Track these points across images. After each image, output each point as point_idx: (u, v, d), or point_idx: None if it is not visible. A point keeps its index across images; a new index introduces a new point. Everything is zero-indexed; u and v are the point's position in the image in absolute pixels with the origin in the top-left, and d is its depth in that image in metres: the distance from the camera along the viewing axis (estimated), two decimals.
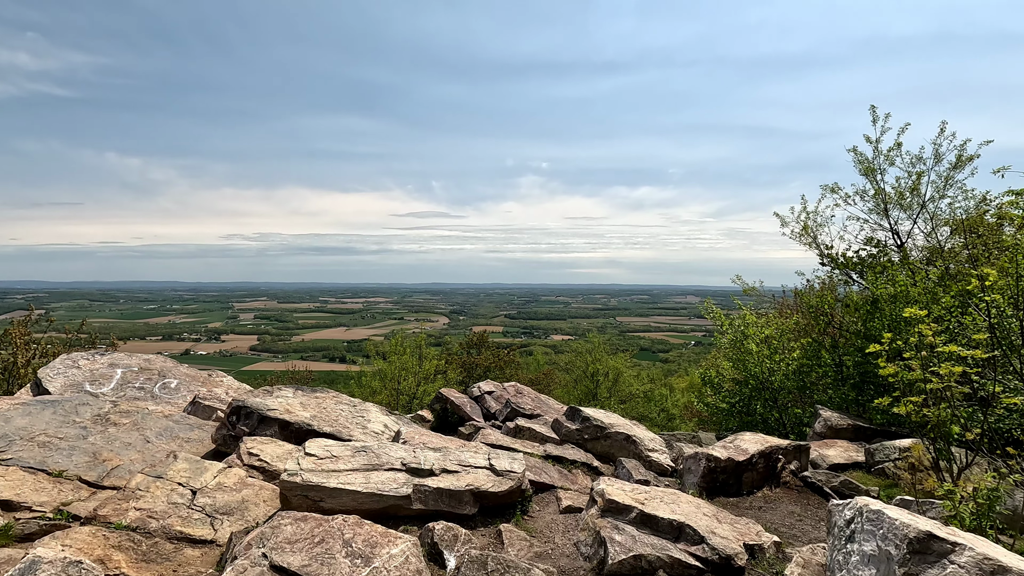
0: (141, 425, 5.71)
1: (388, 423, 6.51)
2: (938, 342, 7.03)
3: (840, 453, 8.54)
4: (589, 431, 6.74)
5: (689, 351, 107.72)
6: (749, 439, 6.53)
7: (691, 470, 5.93)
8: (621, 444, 6.68)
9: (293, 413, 5.75)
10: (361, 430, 5.98)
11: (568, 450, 6.31)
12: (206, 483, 4.29)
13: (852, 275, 13.40)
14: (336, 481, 4.11)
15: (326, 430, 5.67)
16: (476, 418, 7.81)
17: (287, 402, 5.98)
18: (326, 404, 6.38)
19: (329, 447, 4.46)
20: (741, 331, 12.78)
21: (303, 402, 6.20)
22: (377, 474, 4.30)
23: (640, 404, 30.14)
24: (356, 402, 6.87)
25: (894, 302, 11.06)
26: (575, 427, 6.80)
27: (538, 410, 7.92)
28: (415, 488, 4.29)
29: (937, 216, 13.36)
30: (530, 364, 43.39)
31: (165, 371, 10.64)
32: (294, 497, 4.02)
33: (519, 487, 4.71)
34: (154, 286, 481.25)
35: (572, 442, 6.72)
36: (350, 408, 6.53)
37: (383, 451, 4.55)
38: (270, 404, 5.77)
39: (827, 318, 12.66)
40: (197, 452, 5.57)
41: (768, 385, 12.53)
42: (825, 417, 10.55)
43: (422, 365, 16.95)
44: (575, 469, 6.03)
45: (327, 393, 6.86)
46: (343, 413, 6.29)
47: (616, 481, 4.74)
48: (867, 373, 11.25)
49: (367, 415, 6.47)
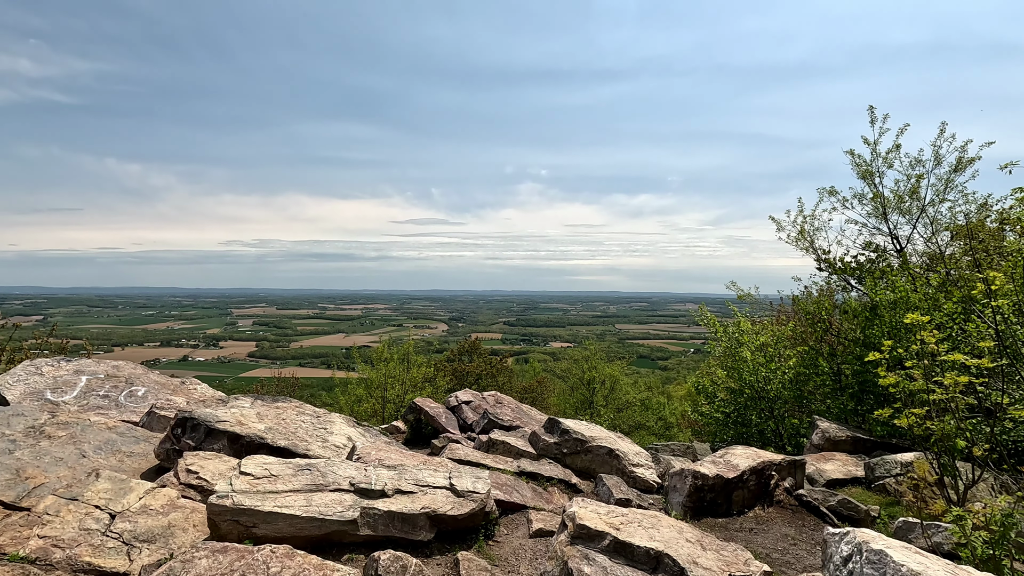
0: (79, 438, 5.27)
1: (353, 435, 6.06)
2: (941, 350, 6.61)
3: (838, 468, 8.08)
4: (568, 445, 6.28)
5: (688, 359, 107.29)
6: (740, 454, 6.08)
7: (676, 488, 5.48)
8: (603, 459, 6.23)
9: (245, 425, 5.31)
10: (321, 444, 5.53)
11: (544, 466, 5.85)
12: (128, 505, 3.84)
13: (850, 281, 13.00)
14: (272, 504, 3.66)
15: (281, 444, 5.22)
16: (451, 430, 7.34)
17: (241, 413, 5.54)
18: (286, 415, 5.94)
19: (268, 465, 4.01)
20: (736, 338, 12.35)
21: (260, 413, 5.76)
22: (321, 496, 3.86)
23: (637, 412, 29.68)
24: (321, 413, 6.42)
25: (894, 308, 10.64)
26: (553, 440, 6.34)
27: (518, 421, 7.46)
28: (363, 511, 3.84)
29: (937, 220, 12.98)
30: (526, 372, 42.92)
31: (133, 378, 10.18)
32: (223, 523, 3.58)
33: (482, 509, 4.26)
34: (153, 292, 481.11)
35: (550, 457, 6.26)
36: (313, 419, 6.09)
37: (330, 469, 4.10)
38: (220, 415, 5.33)
39: (824, 325, 12.24)
40: (138, 468, 5.13)
41: (764, 394, 12.08)
42: (823, 428, 10.10)
43: (409, 372, 16.47)
44: (551, 487, 5.58)
45: (289, 403, 6.41)
46: (303, 425, 5.84)
47: (590, 502, 4.29)
48: (866, 382, 10.82)
49: (330, 427, 6.02)
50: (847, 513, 5.70)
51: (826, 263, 13.03)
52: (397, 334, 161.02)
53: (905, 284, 10.59)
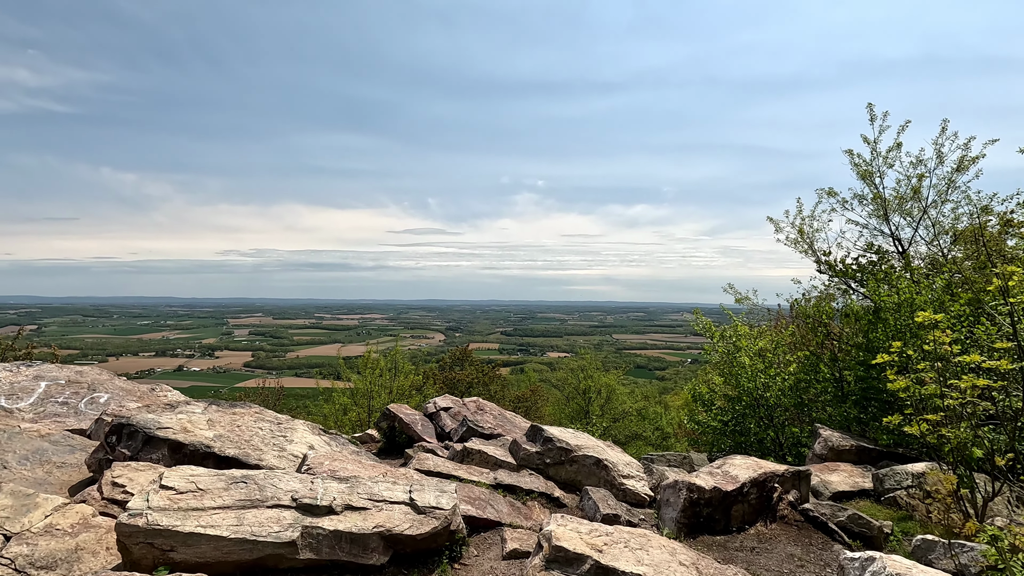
0: (3, 447, 4.73)
1: (316, 444, 5.52)
2: (955, 351, 6.13)
3: (844, 479, 7.55)
4: (552, 454, 5.74)
5: (686, 369, 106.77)
6: (740, 464, 5.56)
7: (670, 503, 4.94)
8: (590, 470, 5.69)
9: (191, 432, 4.77)
10: (277, 453, 4.99)
11: (524, 477, 5.31)
12: (30, 525, 3.30)
13: (851, 284, 12.55)
14: (195, 523, 3.13)
15: (229, 453, 4.69)
16: (428, 438, 6.80)
17: (189, 419, 5.00)
18: (243, 421, 5.40)
19: (195, 477, 3.47)
20: (733, 343, 11.85)
21: (213, 419, 5.22)
22: (255, 513, 3.32)
23: (633, 422, 29.18)
24: (283, 419, 5.88)
25: (898, 311, 10.17)
26: (535, 449, 5.80)
27: (500, 429, 6.91)
28: (305, 531, 3.31)
29: (939, 222, 12.57)
30: (521, 381, 42.23)
31: (96, 384, 9.60)
32: (135, 546, 3.04)
33: (447, 528, 3.72)
34: (148, 301, 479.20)
35: (532, 467, 5.71)
36: (272, 426, 5.55)
37: (270, 483, 3.57)
38: (163, 421, 4.80)
39: (825, 329, 11.76)
40: (67, 481, 4.59)
41: (763, 402, 11.56)
42: (825, 437, 9.57)
43: (396, 380, 15.89)
44: (531, 501, 5.04)
45: (248, 409, 5.88)
46: (260, 432, 5.30)
47: (571, 519, 3.76)
48: (870, 388, 10.32)
49: (291, 434, 5.48)
50: (858, 530, 5.17)
51: (826, 265, 12.57)
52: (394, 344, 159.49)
53: (909, 286, 10.14)
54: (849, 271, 12.18)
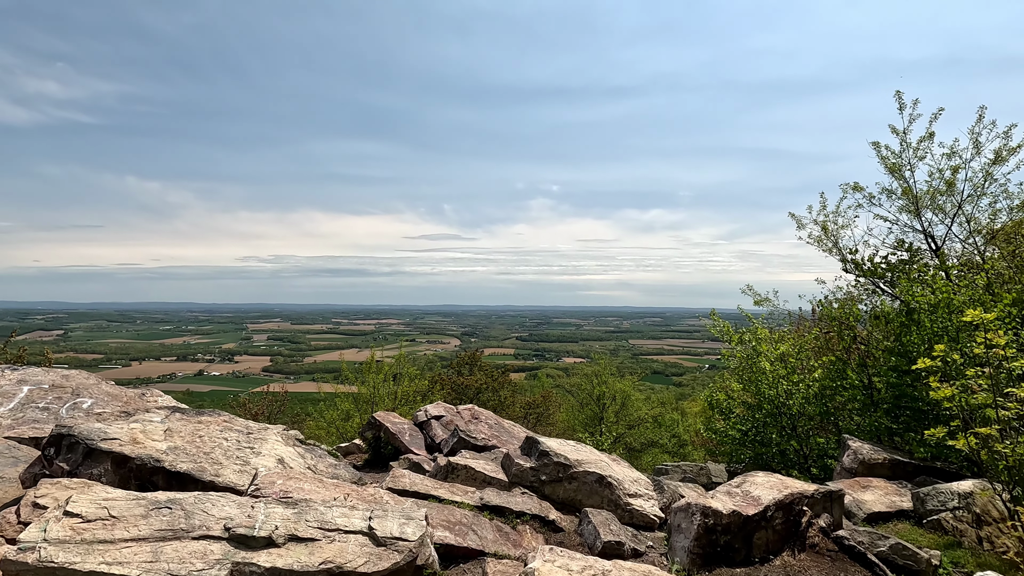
0: None
1: (288, 456, 4.99)
2: (1010, 354, 5.39)
3: (880, 498, 6.79)
4: (548, 470, 5.11)
5: (703, 375, 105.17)
6: (762, 483, 4.88)
7: (681, 529, 4.30)
8: (591, 488, 5.06)
9: (140, 444, 4.27)
10: (239, 467, 4.46)
11: (515, 497, 4.70)
12: None
13: (880, 285, 11.72)
14: (98, 560, 2.60)
15: (182, 468, 4.17)
16: (415, 449, 6.23)
17: (142, 428, 4.51)
18: (207, 431, 4.89)
19: (108, 502, 2.95)
20: (752, 347, 11.09)
21: (172, 428, 4.72)
22: (177, 546, 2.79)
23: (649, 429, 28.42)
24: (254, 428, 5.37)
25: (933, 312, 9.36)
26: (530, 465, 5.18)
27: (494, 440, 6.30)
28: (235, 569, 2.76)
29: (975, 218, 11.70)
30: (535, 387, 41.51)
31: (81, 389, 9.21)
32: None
33: (412, 562, 3.15)
34: (170, 307, 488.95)
35: (525, 485, 5.10)
36: (240, 436, 5.03)
37: (201, 508, 3.03)
38: (110, 432, 4.31)
39: (852, 332, 10.95)
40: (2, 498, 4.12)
41: (785, 410, 10.78)
42: (855, 449, 8.78)
43: (399, 385, 15.38)
44: (522, 525, 4.43)
45: (216, 417, 5.37)
46: (225, 443, 4.79)
47: (560, 554, 3.16)
48: (904, 396, 9.51)
49: (260, 445, 4.95)
50: (902, 562, 4.46)
51: (853, 264, 11.77)
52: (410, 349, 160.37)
53: (946, 285, 9.32)
54: (878, 270, 11.37)
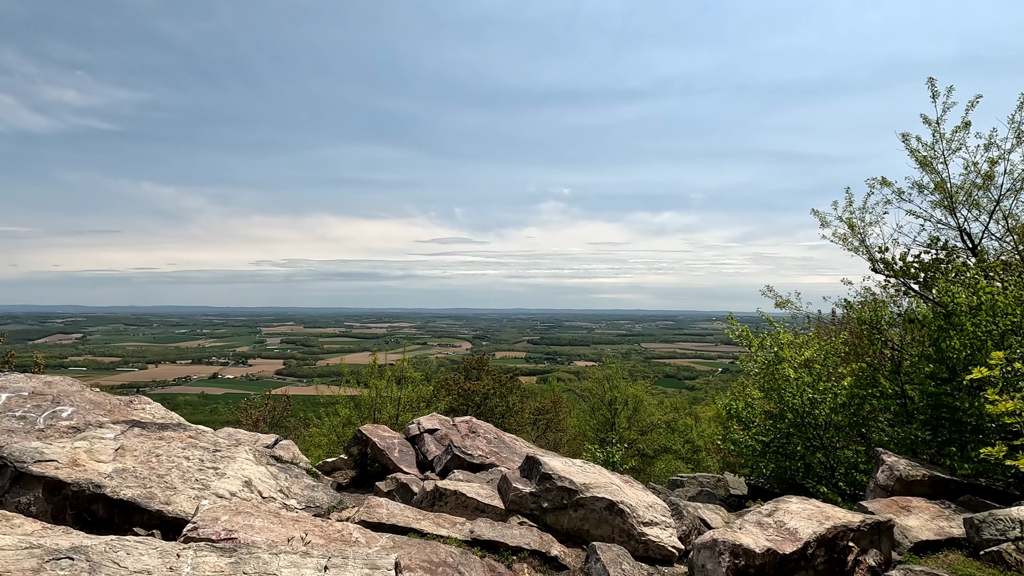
0: None
1: (256, 477, 4.42)
2: None
3: (926, 523, 6.06)
4: (551, 496, 4.48)
5: (716, 378, 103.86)
6: (798, 511, 4.23)
7: (707, 571, 3.67)
8: (600, 516, 4.43)
9: (82, 466, 3.74)
10: (196, 493, 3.91)
11: (512, 529, 4.07)
12: None
13: (912, 285, 10.94)
14: None
15: (126, 495, 3.63)
16: (405, 467, 5.63)
17: (89, 447, 3.98)
18: (166, 449, 4.35)
19: None
20: (775, 353, 10.37)
21: (126, 446, 4.19)
22: None
23: (663, 435, 27.70)
24: (223, 446, 4.83)
25: (975, 315, 8.60)
26: (530, 490, 4.55)
27: (492, 458, 5.67)
28: None
29: (1013, 214, 10.89)
30: (545, 391, 40.80)
31: (61, 397, 8.74)
32: None
33: None
34: (186, 311, 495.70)
35: (524, 513, 4.47)
36: (204, 455, 4.49)
37: (113, 558, 2.46)
38: (49, 452, 3.78)
39: (883, 337, 10.18)
40: None
41: (810, 420, 10.05)
42: (890, 464, 8.03)
43: (403, 390, 14.82)
44: (519, 563, 3.82)
45: (181, 432, 4.84)
46: (185, 463, 4.24)
47: None
48: (942, 406, 8.74)
49: (226, 465, 4.40)
50: None
51: (883, 263, 10.99)
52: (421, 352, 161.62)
53: (990, 287, 8.56)
54: (911, 270, 10.60)
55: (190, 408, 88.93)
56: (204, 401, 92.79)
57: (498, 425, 20.84)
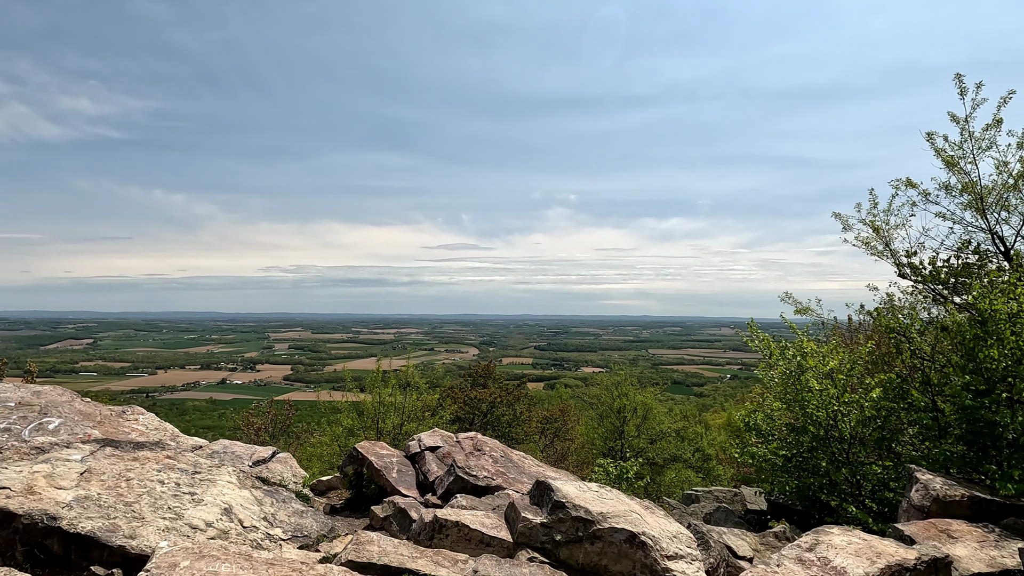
0: None
1: (240, 503, 3.99)
2: None
3: (975, 553, 5.52)
4: (565, 527, 3.99)
5: (725, 385, 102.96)
6: (843, 545, 3.74)
7: None
8: (620, 550, 3.96)
9: (38, 495, 3.33)
10: (167, 523, 3.48)
11: (520, 568, 3.59)
12: None
13: (942, 291, 10.40)
14: None
15: (84, 528, 3.21)
16: (404, 489, 5.17)
17: (50, 472, 3.57)
18: (139, 472, 3.94)
19: None
20: (798, 362, 9.84)
21: (93, 469, 3.78)
22: None
23: (673, 444, 27.23)
24: (204, 466, 4.41)
25: (1015, 323, 8.06)
26: (541, 520, 4.07)
27: (499, 479, 5.17)
28: None
29: None
30: (552, 398, 40.26)
31: (49, 407, 8.40)
32: None
33: None
34: (195, 316, 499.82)
35: (534, 547, 3.99)
36: (182, 477, 4.07)
37: None
38: (1, 478, 3.37)
39: (911, 346, 9.64)
40: None
41: (835, 434, 9.51)
42: (925, 483, 7.47)
43: (407, 398, 14.39)
44: None
45: (158, 452, 4.42)
46: (159, 488, 3.82)
47: None
48: (980, 420, 8.18)
49: (205, 489, 3.97)
50: None
51: (910, 268, 10.48)
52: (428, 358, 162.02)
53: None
54: (940, 275, 10.07)
55: (199, 413, 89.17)
56: (212, 406, 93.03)
57: (505, 434, 20.41)
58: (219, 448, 8.72)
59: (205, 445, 9.03)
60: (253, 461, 8.55)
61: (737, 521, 10.61)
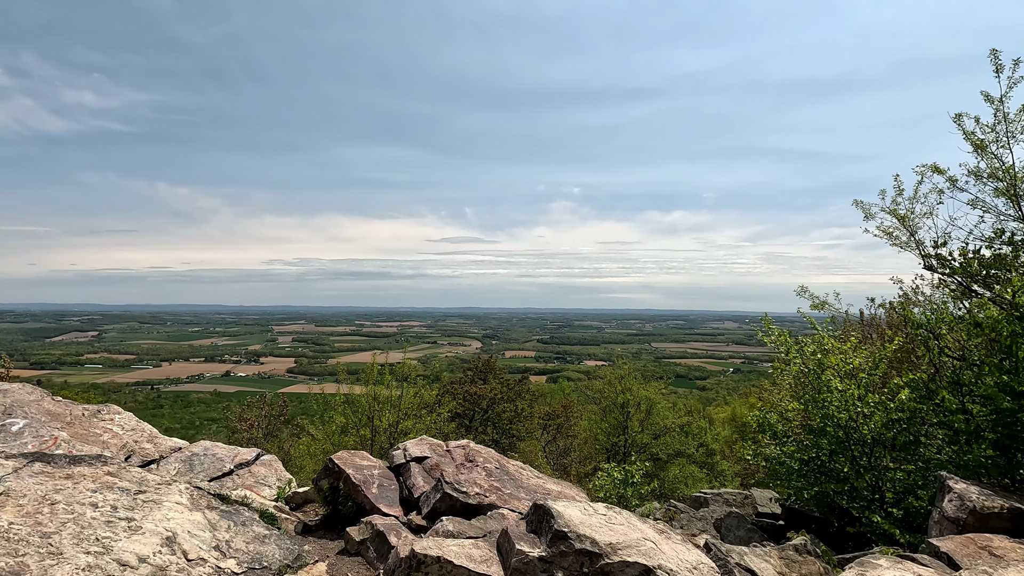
0: None
1: (188, 529, 3.40)
2: None
3: None
4: (567, 562, 3.36)
5: (728, 378, 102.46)
6: None
7: None
8: None
9: None
10: (91, 559, 2.90)
11: None
12: None
13: (974, 285, 9.71)
14: None
15: None
16: (385, 507, 4.54)
17: None
18: (70, 492, 3.36)
19: None
20: (817, 359, 9.21)
21: (11, 491, 3.20)
22: None
23: (677, 439, 26.80)
24: (152, 483, 3.82)
25: None
26: (539, 552, 3.44)
27: (493, 495, 4.52)
28: None
29: None
30: (555, 393, 39.72)
31: (14, 408, 7.84)
32: None
33: None
34: (199, 309, 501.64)
35: None
36: (121, 498, 3.49)
37: None
38: None
39: (942, 343, 8.98)
40: None
41: (857, 436, 8.90)
42: (959, 492, 6.82)
43: (404, 395, 13.82)
44: None
45: (98, 468, 3.83)
46: (90, 513, 3.24)
47: None
48: (1018, 424, 7.54)
49: (148, 513, 3.39)
50: None
51: (938, 259, 9.78)
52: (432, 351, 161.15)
53: None
54: (972, 267, 9.37)
55: (203, 406, 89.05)
56: (217, 399, 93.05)
57: (506, 431, 19.86)
58: (199, 450, 8.13)
59: (184, 447, 8.43)
60: (236, 464, 7.96)
61: (750, 528, 10.01)
